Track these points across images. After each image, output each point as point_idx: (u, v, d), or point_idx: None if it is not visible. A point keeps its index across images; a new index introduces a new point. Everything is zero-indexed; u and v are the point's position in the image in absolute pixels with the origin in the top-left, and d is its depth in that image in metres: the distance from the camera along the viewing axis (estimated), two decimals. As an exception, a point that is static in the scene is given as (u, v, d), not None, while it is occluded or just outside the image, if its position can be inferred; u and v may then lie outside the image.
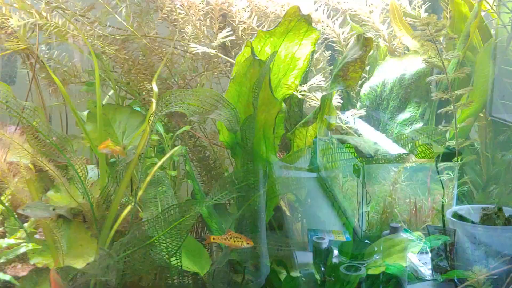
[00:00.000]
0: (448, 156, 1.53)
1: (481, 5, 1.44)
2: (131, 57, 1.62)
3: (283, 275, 1.45)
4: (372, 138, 1.52)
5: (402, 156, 1.40)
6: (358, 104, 1.62)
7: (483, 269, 1.36)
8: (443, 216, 1.45)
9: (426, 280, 1.51)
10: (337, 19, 1.68)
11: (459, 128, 1.37)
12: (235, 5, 1.61)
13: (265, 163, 1.43)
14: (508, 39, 1.50)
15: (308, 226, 1.75)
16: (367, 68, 1.74)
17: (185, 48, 1.68)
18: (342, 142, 1.29)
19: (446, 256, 1.47)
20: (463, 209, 1.55)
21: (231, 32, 1.58)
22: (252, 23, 1.63)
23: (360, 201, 1.58)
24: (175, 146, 1.78)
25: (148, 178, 1.44)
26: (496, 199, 1.69)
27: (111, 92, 1.77)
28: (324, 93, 1.38)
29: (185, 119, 1.75)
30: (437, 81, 1.64)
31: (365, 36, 1.25)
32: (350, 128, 1.60)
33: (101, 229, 1.36)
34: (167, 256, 1.32)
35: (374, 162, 1.32)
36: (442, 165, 1.41)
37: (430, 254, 1.48)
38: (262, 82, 1.30)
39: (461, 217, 1.48)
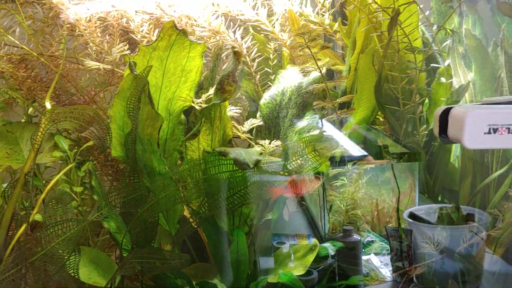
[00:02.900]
0: (407, 156, 1.57)
1: (366, 11, 1.46)
2: (30, 75, 1.62)
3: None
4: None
5: (290, 165, 1.40)
6: (258, 114, 1.63)
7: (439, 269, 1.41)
8: (398, 217, 1.48)
9: (386, 281, 1.53)
10: (238, 29, 1.70)
11: (352, 133, 1.38)
12: (132, 20, 1.62)
13: (157, 177, 1.44)
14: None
15: (273, 231, 1.77)
16: (272, 77, 1.76)
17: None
18: (224, 155, 1.29)
19: (404, 257, 1.50)
20: (421, 209, 1.58)
21: (127, 47, 1.60)
22: (153, 36, 1.64)
23: (322, 204, 1.60)
24: (86, 161, 1.80)
25: (42, 196, 1.44)
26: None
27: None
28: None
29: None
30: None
31: (235, 50, 1.27)
32: (249, 138, 1.62)
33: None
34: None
35: (254, 171, 1.32)
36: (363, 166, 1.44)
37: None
38: (140, 96, 1.30)
39: (418, 218, 1.51)
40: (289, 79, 1.66)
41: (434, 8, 1.77)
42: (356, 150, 1.69)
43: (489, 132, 1.20)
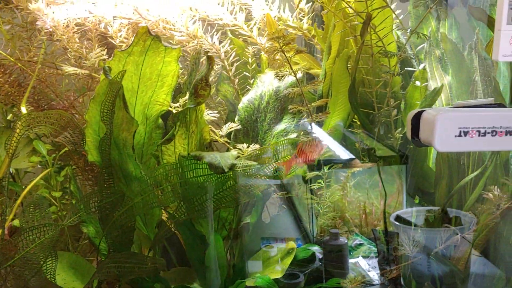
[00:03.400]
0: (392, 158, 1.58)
1: (340, 16, 1.47)
2: (8, 81, 1.62)
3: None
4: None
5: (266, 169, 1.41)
6: (236, 118, 1.64)
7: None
8: (385, 220, 1.48)
9: (374, 284, 1.54)
10: (216, 34, 1.71)
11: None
12: (110, 25, 1.63)
13: (133, 181, 1.44)
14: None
15: (262, 234, 1.77)
16: (251, 81, 1.77)
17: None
18: (198, 159, 1.30)
19: (391, 260, 1.50)
20: (408, 212, 1.59)
21: (105, 52, 1.60)
22: (131, 41, 1.64)
23: (311, 207, 1.61)
24: (66, 166, 1.80)
25: (18, 201, 1.44)
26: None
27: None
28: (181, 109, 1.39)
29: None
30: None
31: (208, 54, 1.27)
32: (227, 141, 1.62)
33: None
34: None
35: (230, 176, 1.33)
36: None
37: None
38: (115, 100, 1.31)
39: (404, 220, 1.52)
40: (268, 83, 1.67)
41: (412, 12, 1.79)
42: (343, 153, 1.70)
43: (460, 135, 1.21)
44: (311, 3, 1.81)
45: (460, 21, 1.77)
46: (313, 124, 1.61)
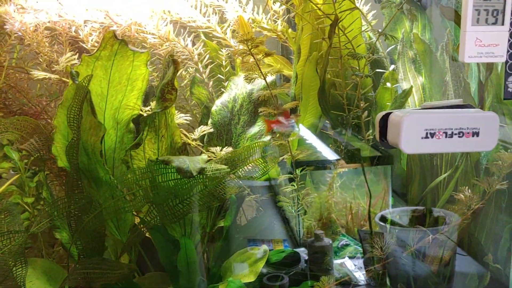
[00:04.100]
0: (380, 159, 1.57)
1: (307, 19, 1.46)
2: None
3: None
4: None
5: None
6: (209, 121, 1.63)
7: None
8: (369, 220, 1.48)
9: (360, 285, 1.53)
10: (189, 36, 1.70)
11: (296, 140, 1.39)
12: (81, 29, 1.61)
13: (103, 186, 1.43)
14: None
15: (250, 236, 1.77)
16: (226, 83, 1.76)
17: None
18: (166, 163, 1.29)
19: (377, 260, 1.50)
20: (394, 212, 1.59)
21: (77, 56, 1.59)
22: (103, 45, 1.63)
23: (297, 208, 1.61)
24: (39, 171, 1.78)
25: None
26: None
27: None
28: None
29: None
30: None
31: (172, 58, 1.26)
32: (199, 144, 1.61)
33: None
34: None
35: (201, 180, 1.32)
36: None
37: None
38: (82, 105, 1.30)
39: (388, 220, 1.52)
40: (241, 86, 1.67)
41: (386, 13, 1.79)
42: (329, 154, 1.70)
43: (427, 137, 1.21)
44: (287, 5, 1.80)
45: (435, 22, 1.77)
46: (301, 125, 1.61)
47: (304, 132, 1.70)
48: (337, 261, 1.65)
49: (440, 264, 1.50)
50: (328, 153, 1.70)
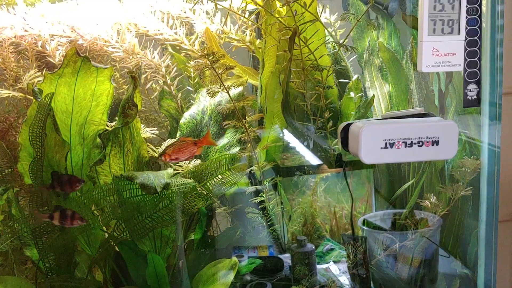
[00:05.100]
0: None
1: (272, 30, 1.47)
2: None
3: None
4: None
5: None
6: (178, 133, 1.63)
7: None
8: (352, 224, 1.49)
9: None
10: (156, 49, 1.70)
11: (264, 151, 1.40)
12: (48, 44, 1.61)
13: (70, 202, 1.42)
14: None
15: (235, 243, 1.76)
16: (195, 95, 1.76)
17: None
18: (130, 179, 1.29)
19: (360, 264, 1.51)
20: (376, 215, 1.59)
21: (44, 71, 1.58)
22: (69, 60, 1.63)
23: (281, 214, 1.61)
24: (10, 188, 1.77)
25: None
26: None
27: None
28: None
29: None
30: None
31: (131, 75, 1.27)
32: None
33: None
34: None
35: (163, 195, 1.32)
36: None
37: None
38: (45, 123, 1.29)
39: (372, 224, 1.53)
40: (209, 98, 1.67)
41: (354, 22, 1.80)
42: (312, 159, 1.70)
43: (386, 147, 1.22)
44: (254, 16, 1.81)
45: (402, 29, 1.79)
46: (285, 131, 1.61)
47: (289, 137, 1.70)
48: (322, 266, 1.65)
49: (423, 266, 1.51)
50: (312, 158, 1.70)
